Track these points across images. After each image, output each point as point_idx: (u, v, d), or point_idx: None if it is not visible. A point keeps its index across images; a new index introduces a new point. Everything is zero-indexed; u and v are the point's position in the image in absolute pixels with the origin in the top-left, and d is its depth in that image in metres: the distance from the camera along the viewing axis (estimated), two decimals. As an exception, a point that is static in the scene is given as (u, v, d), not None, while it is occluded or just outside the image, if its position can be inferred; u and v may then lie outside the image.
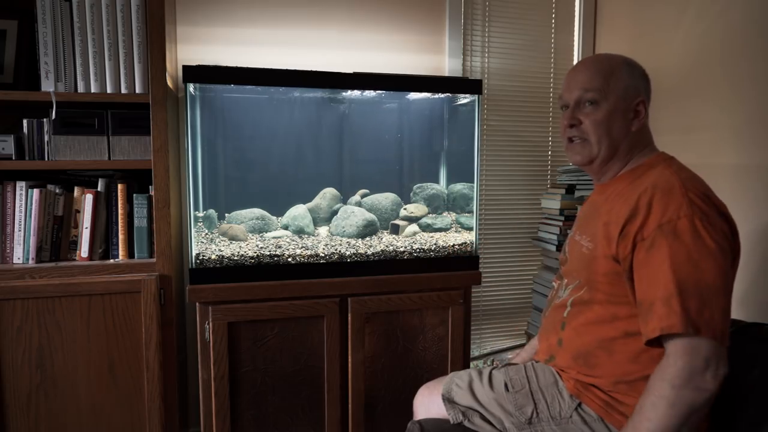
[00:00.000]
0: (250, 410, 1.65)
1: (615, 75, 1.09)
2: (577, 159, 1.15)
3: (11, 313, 1.48)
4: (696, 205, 0.96)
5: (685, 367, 0.90)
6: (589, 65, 1.13)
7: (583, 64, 1.15)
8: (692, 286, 0.91)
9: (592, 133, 1.10)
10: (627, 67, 1.11)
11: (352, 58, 2.09)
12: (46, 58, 1.51)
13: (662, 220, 0.96)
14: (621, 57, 1.14)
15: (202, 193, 1.71)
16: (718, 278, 0.92)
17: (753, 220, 1.62)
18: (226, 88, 1.71)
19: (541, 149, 2.39)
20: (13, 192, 1.54)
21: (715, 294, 0.91)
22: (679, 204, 0.96)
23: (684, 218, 0.94)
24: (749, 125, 1.64)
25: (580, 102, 1.12)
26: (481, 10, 2.25)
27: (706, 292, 0.91)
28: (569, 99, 1.14)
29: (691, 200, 0.96)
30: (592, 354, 1.07)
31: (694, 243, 0.93)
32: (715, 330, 0.90)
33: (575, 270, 1.14)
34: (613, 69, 1.10)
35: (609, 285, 1.05)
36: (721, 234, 0.95)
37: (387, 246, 1.78)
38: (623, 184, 1.10)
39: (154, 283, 1.55)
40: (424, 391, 1.29)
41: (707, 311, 0.90)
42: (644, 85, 1.12)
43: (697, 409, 0.91)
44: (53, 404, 1.53)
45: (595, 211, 1.13)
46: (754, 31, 1.62)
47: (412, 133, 1.96)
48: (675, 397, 0.90)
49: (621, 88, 1.09)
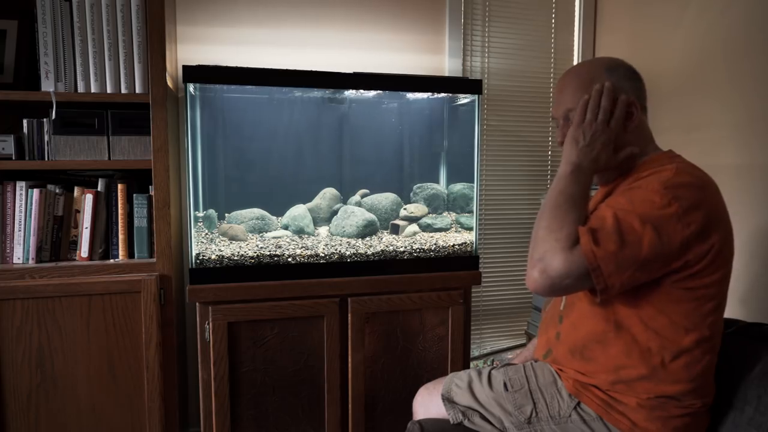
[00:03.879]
0: (250, 410, 1.65)
1: (596, 84, 1.07)
2: None
3: (11, 313, 1.48)
4: (674, 184, 0.96)
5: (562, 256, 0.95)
6: (570, 80, 1.12)
7: (564, 79, 1.14)
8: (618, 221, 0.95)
9: None
10: (608, 73, 1.09)
11: (352, 58, 2.10)
12: (46, 58, 1.51)
13: (630, 186, 1.02)
14: (601, 62, 1.12)
15: (202, 193, 1.71)
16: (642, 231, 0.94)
17: (753, 220, 1.62)
18: (226, 88, 1.71)
19: (541, 149, 2.39)
20: (13, 192, 1.55)
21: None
22: (658, 185, 0.97)
23: (651, 188, 0.97)
24: (751, 124, 1.63)
25: (567, 118, 1.12)
26: (481, 10, 2.25)
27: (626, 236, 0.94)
28: (557, 116, 1.15)
29: (675, 182, 0.97)
30: (588, 347, 1.07)
31: (643, 199, 0.97)
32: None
33: None
34: (593, 79, 1.08)
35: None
36: (677, 216, 0.94)
37: (387, 246, 1.78)
38: (627, 184, 1.10)
39: (154, 283, 1.55)
40: (424, 391, 1.30)
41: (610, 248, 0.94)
42: (631, 84, 1.10)
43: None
44: (53, 404, 1.53)
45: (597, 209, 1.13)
46: (756, 30, 1.62)
47: (412, 133, 1.96)
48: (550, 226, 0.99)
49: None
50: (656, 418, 1.01)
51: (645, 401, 1.01)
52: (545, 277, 0.95)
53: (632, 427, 1.02)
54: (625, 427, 1.02)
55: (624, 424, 1.02)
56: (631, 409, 1.02)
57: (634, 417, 1.02)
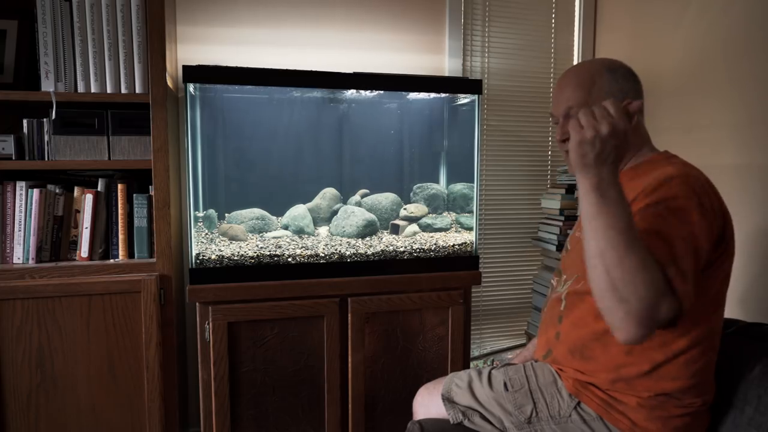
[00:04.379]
0: (250, 410, 1.65)
1: (596, 84, 1.10)
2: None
3: (11, 313, 1.48)
4: (695, 191, 0.95)
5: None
6: (570, 79, 1.13)
7: (564, 78, 1.16)
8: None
9: None
10: (608, 73, 1.10)
11: (352, 58, 2.10)
12: (46, 58, 1.51)
13: (657, 199, 0.95)
14: (601, 62, 1.13)
15: (202, 193, 1.71)
16: (688, 238, 0.92)
17: (753, 220, 1.62)
18: (226, 88, 1.71)
19: (541, 149, 2.39)
20: (13, 192, 1.54)
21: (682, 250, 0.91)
22: (677, 190, 0.96)
23: (676, 199, 0.94)
24: (751, 124, 1.64)
25: (567, 115, 1.12)
26: (481, 10, 2.25)
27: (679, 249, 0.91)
28: (557, 114, 1.16)
29: (691, 187, 0.96)
30: (588, 347, 1.07)
31: (677, 215, 0.93)
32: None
33: (575, 264, 1.14)
34: (594, 78, 1.10)
35: None
36: (709, 222, 0.95)
37: (387, 246, 1.78)
38: (624, 181, 1.09)
39: (154, 283, 1.55)
40: (424, 391, 1.30)
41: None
42: (630, 85, 1.11)
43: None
44: (53, 404, 1.53)
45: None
46: (756, 30, 1.62)
47: (412, 133, 1.96)
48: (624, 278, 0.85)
49: (604, 94, 1.09)
50: (656, 418, 1.01)
51: (645, 400, 1.01)
52: (651, 328, 0.88)
53: (632, 426, 1.02)
54: (625, 426, 1.02)
55: (624, 423, 1.02)
56: (631, 409, 1.02)
57: (634, 416, 1.02)
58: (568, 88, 1.12)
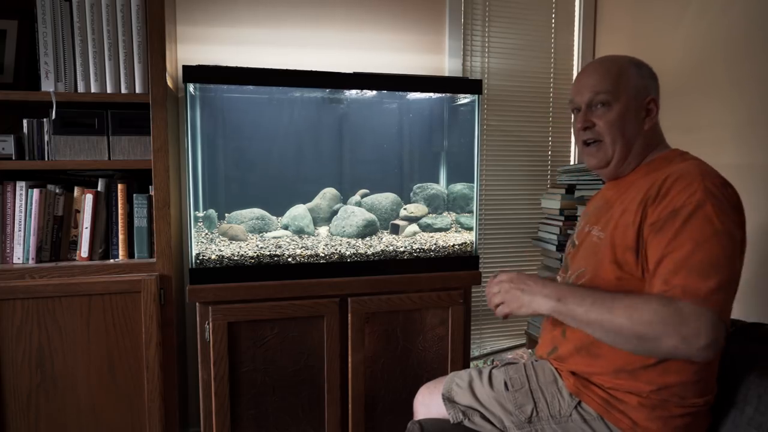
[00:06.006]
0: (250, 410, 1.65)
1: (624, 76, 1.11)
2: (593, 162, 1.17)
3: (11, 313, 1.48)
4: (711, 192, 0.96)
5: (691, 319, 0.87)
6: (597, 67, 1.15)
7: (591, 66, 1.17)
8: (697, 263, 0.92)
9: (606, 133, 1.11)
10: (635, 68, 1.13)
11: (352, 58, 2.10)
12: (46, 58, 1.51)
13: (677, 205, 0.96)
14: (628, 58, 1.15)
15: (202, 193, 1.71)
16: (722, 257, 0.93)
17: (753, 220, 1.62)
18: (226, 88, 1.71)
19: (541, 149, 2.39)
20: (13, 192, 1.54)
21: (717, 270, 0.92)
22: (695, 190, 0.97)
23: (697, 204, 0.95)
24: (751, 124, 1.64)
25: (592, 104, 1.13)
26: (481, 10, 2.25)
27: (710, 269, 0.91)
28: (580, 102, 1.15)
29: (707, 188, 0.97)
30: (595, 344, 1.06)
31: (702, 228, 0.94)
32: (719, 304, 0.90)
33: (583, 258, 1.14)
34: (622, 70, 1.12)
35: (613, 273, 1.05)
36: (732, 223, 0.97)
37: (387, 246, 1.78)
38: (638, 176, 1.11)
39: (154, 283, 1.55)
40: (424, 391, 1.29)
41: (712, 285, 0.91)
42: (653, 83, 1.14)
43: (642, 353, 0.94)
44: (53, 404, 1.53)
45: (606, 204, 1.15)
46: (756, 30, 1.62)
47: (412, 133, 1.96)
48: (647, 325, 0.89)
49: (631, 87, 1.11)
50: (657, 418, 1.01)
51: (646, 398, 1.01)
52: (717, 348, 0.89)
53: (633, 426, 1.02)
54: (625, 426, 1.02)
55: (625, 423, 1.02)
56: (632, 408, 1.02)
57: (635, 416, 1.02)
58: (595, 75, 1.13)
